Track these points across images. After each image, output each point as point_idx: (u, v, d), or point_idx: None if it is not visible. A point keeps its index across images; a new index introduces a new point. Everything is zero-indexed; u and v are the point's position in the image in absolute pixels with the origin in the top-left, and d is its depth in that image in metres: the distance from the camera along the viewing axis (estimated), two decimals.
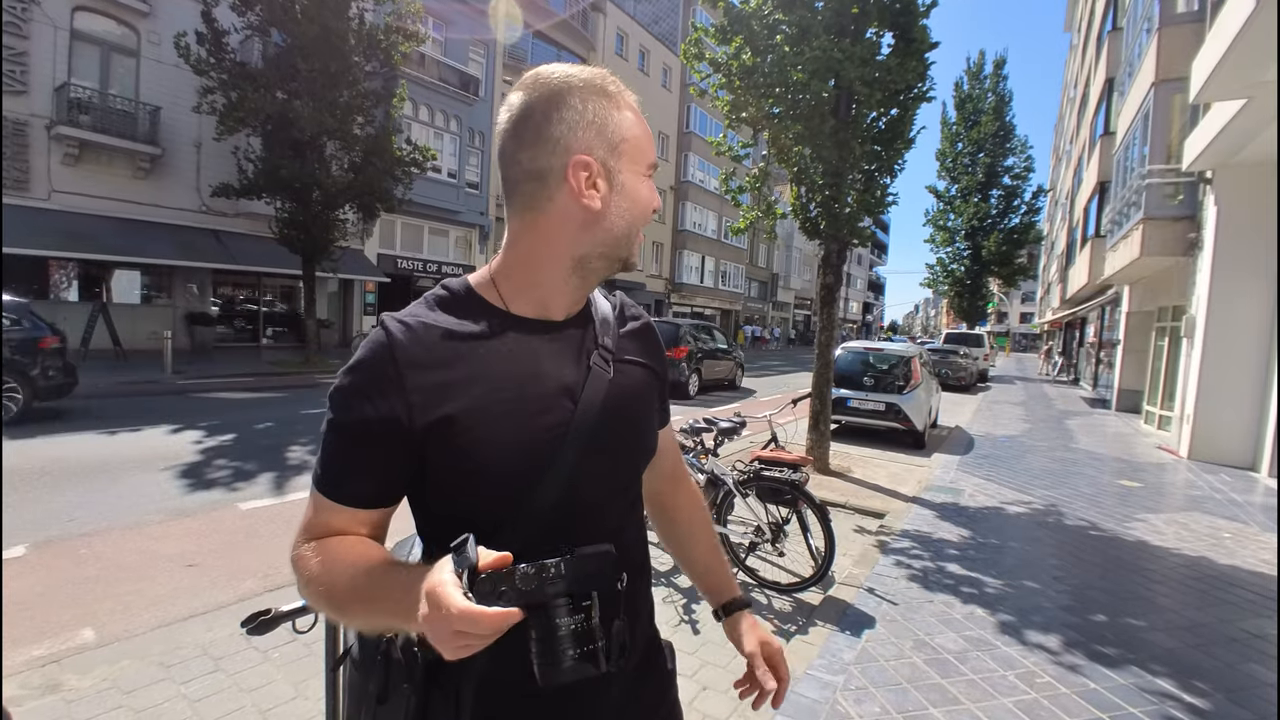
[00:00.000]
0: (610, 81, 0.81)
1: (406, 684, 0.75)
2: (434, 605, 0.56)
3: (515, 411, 0.74)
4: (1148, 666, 2.79)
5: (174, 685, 2.47)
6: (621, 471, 0.85)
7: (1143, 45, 11.10)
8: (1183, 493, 6.51)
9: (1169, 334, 10.77)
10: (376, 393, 0.71)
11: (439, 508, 0.77)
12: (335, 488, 0.74)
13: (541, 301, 0.81)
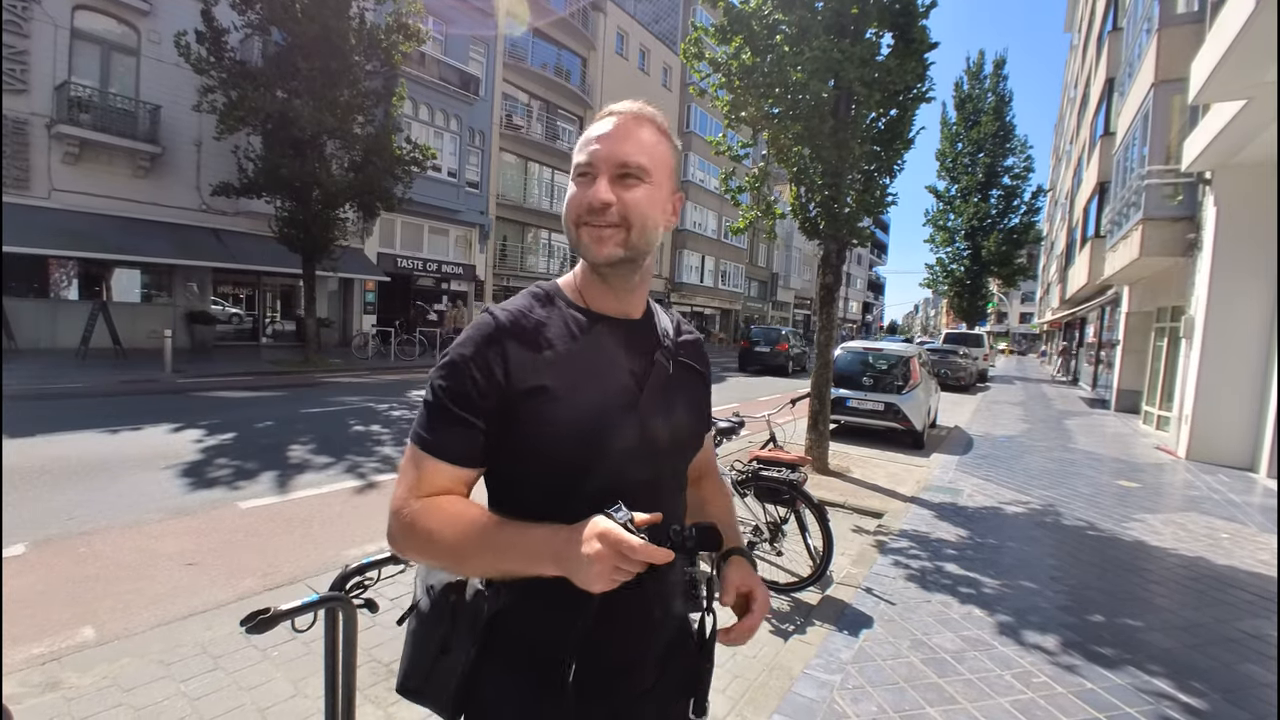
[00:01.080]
0: (606, 110, 0.93)
1: (468, 634, 0.89)
2: (609, 543, 0.71)
3: (592, 388, 0.88)
4: (1145, 667, 2.80)
5: (173, 683, 2.48)
6: (674, 452, 0.96)
7: (1143, 46, 11.11)
8: (1181, 493, 6.52)
9: (1168, 334, 10.78)
10: (484, 363, 0.85)
11: (517, 474, 0.89)
12: (443, 448, 0.85)
13: (602, 301, 0.95)
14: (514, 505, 0.87)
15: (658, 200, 0.90)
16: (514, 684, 0.89)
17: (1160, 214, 9.83)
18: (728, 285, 39.70)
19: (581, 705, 0.87)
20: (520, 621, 0.88)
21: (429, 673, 0.93)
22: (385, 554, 2.24)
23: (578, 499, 0.81)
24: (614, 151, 0.87)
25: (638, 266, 0.93)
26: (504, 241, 24.50)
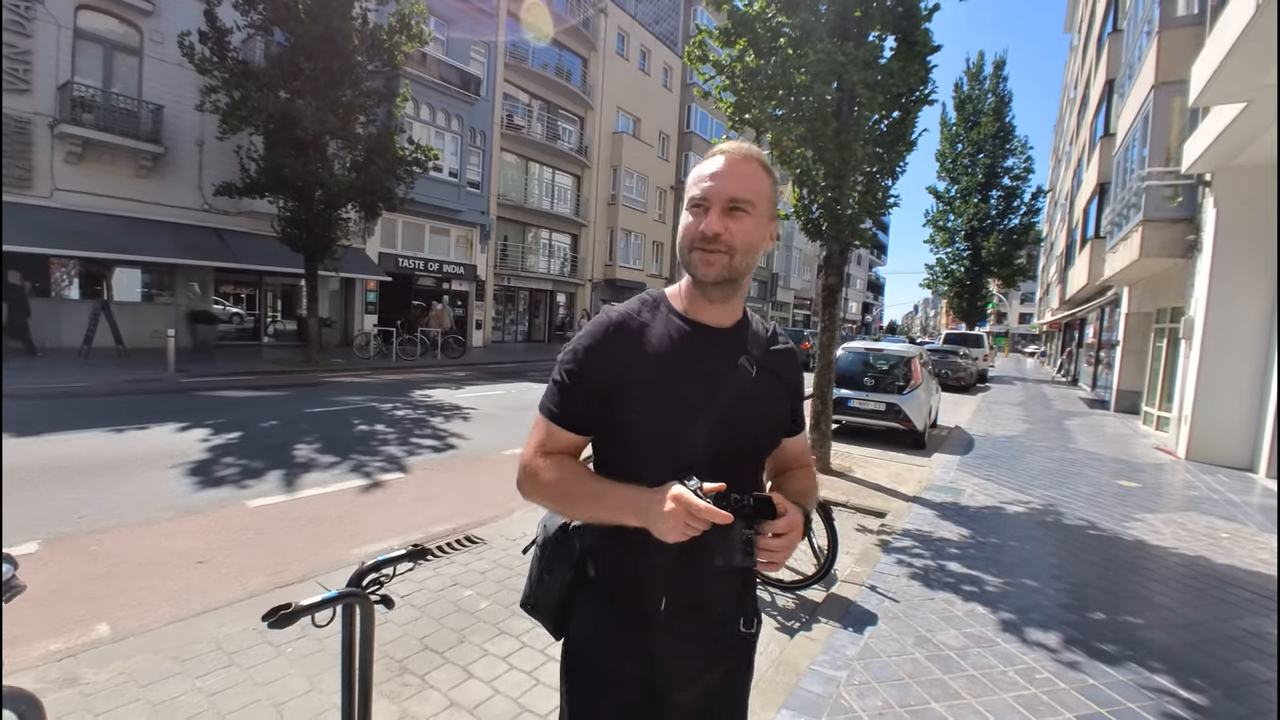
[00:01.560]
0: (715, 149, 1.10)
1: (564, 560, 1.15)
2: (681, 505, 0.91)
3: (681, 382, 1.06)
4: (1146, 663, 2.84)
5: (189, 679, 2.51)
6: (747, 443, 1.12)
7: (1143, 48, 11.14)
8: (1180, 493, 6.56)
9: (1167, 335, 10.82)
10: (603, 350, 1.07)
11: (618, 443, 1.10)
12: (565, 416, 1.09)
13: (702, 310, 1.12)
14: (612, 467, 1.10)
15: (759, 229, 1.06)
16: (602, 613, 1.12)
17: (1160, 215, 9.87)
18: None
19: (655, 634, 1.07)
20: (605, 560, 1.11)
21: (538, 590, 1.21)
22: (400, 552, 2.28)
23: (660, 468, 0.99)
24: (725, 188, 1.03)
25: (737, 285, 1.09)
26: (505, 241, 24.53)
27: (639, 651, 1.08)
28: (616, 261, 29.25)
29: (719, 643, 1.15)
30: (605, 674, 1.11)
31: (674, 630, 1.09)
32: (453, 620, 3.07)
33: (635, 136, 29.86)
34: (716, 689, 1.17)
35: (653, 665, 1.08)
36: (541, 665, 2.70)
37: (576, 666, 1.15)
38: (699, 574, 1.05)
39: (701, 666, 1.14)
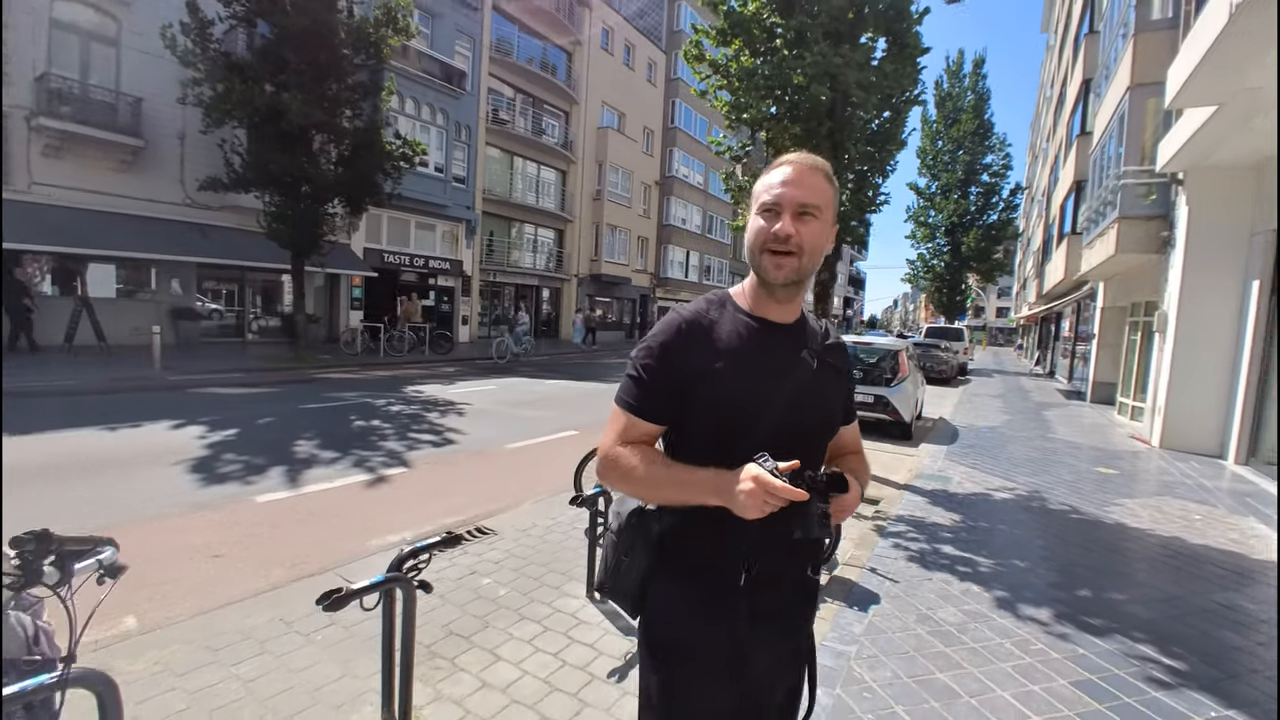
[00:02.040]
0: (780, 159, 1.19)
1: (642, 543, 1.21)
2: (760, 484, 0.98)
3: (751, 374, 1.14)
4: (1129, 634, 3.04)
5: (224, 667, 2.58)
6: (811, 429, 1.21)
7: (1119, 50, 11.47)
8: (1156, 479, 6.86)
9: (1142, 328, 11.20)
10: (676, 347, 1.15)
11: (692, 433, 1.17)
12: (644, 408, 1.17)
13: (766, 308, 1.21)
14: (687, 453, 1.16)
15: (825, 233, 1.15)
16: (683, 591, 1.18)
17: (1135, 213, 10.20)
18: (712, 280, 39.93)
19: (737, 604, 1.14)
20: (684, 540, 1.18)
21: (616, 574, 1.26)
22: (435, 539, 2.39)
23: (735, 452, 1.06)
24: (796, 194, 1.11)
25: (802, 286, 1.18)
26: (490, 236, 24.43)
27: (723, 622, 1.15)
28: (602, 257, 29.25)
29: (794, 608, 1.24)
30: (692, 646, 1.17)
31: (754, 600, 1.16)
32: (474, 607, 3.17)
33: (620, 132, 29.86)
34: (794, 638, 1.26)
35: (736, 634, 1.15)
36: (565, 647, 2.81)
37: (662, 642, 1.20)
38: (776, 547, 1.13)
39: (781, 631, 1.22)
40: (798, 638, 1.27)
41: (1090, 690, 2.54)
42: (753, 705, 1.21)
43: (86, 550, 1.20)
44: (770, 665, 1.22)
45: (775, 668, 1.24)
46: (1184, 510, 5.51)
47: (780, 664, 1.25)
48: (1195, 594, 3.64)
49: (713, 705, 1.17)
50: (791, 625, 1.25)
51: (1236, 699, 2.54)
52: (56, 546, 1.14)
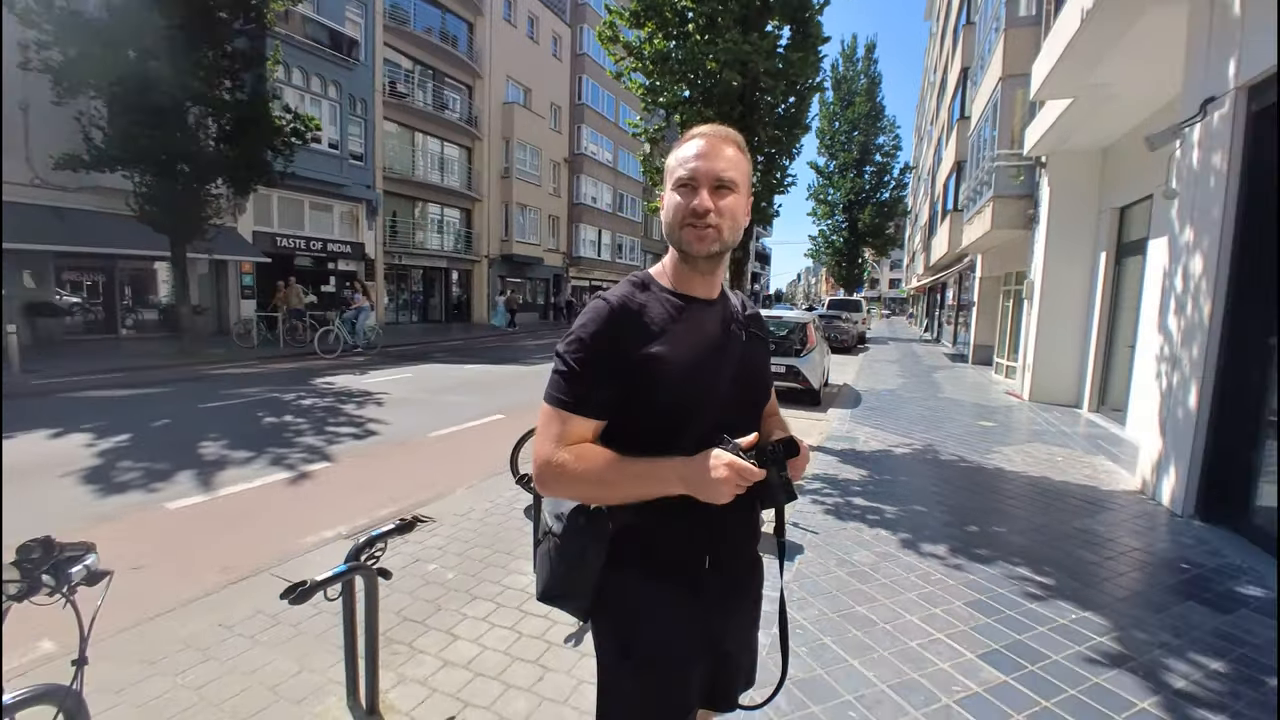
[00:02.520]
0: (692, 132, 1.17)
1: (595, 544, 1.13)
2: (735, 469, 0.98)
3: (688, 354, 1.11)
4: (1009, 559, 3.57)
5: (167, 678, 2.49)
6: (753, 401, 1.25)
7: (992, 43, 12.57)
8: (1026, 428, 7.82)
9: (1013, 296, 12.52)
10: (607, 336, 1.09)
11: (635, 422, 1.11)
12: (580, 404, 1.09)
13: (690, 285, 1.19)
14: (632, 445, 1.08)
15: (742, 205, 1.15)
16: (643, 585, 1.15)
17: (1007, 192, 11.34)
18: (624, 258, 40.13)
19: (704, 592, 1.15)
20: (643, 532, 1.12)
21: (567, 579, 1.18)
22: (390, 526, 2.43)
23: (684, 437, 1.06)
24: (712, 167, 1.09)
25: (723, 258, 1.18)
26: (394, 217, 23.29)
27: (692, 612, 1.14)
28: (513, 237, 28.64)
29: (753, 576, 1.29)
30: (665, 642, 1.14)
31: (721, 581, 1.17)
32: (424, 592, 3.21)
33: (527, 108, 29.14)
34: (753, 606, 1.32)
35: (707, 621, 1.16)
36: (520, 620, 2.93)
37: (628, 639, 1.15)
38: (735, 527, 1.16)
39: (746, 610, 1.27)
40: (758, 604, 1.34)
41: (980, 607, 2.99)
42: (723, 672, 1.26)
43: (78, 556, 1.19)
44: (736, 633, 1.28)
45: (740, 634, 1.29)
46: (1049, 454, 6.37)
47: (743, 630, 1.30)
48: (1059, 522, 4.29)
49: (678, 691, 1.16)
50: (755, 593, 1.32)
51: (1090, 603, 3.07)
52: (57, 554, 1.13)
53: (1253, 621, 2.95)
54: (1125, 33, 5.44)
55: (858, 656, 2.56)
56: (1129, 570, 3.52)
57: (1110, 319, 8.60)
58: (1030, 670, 2.48)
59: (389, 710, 2.30)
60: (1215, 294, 4.31)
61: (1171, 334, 4.87)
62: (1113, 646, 2.68)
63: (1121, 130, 7.98)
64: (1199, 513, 4.41)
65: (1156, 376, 5.09)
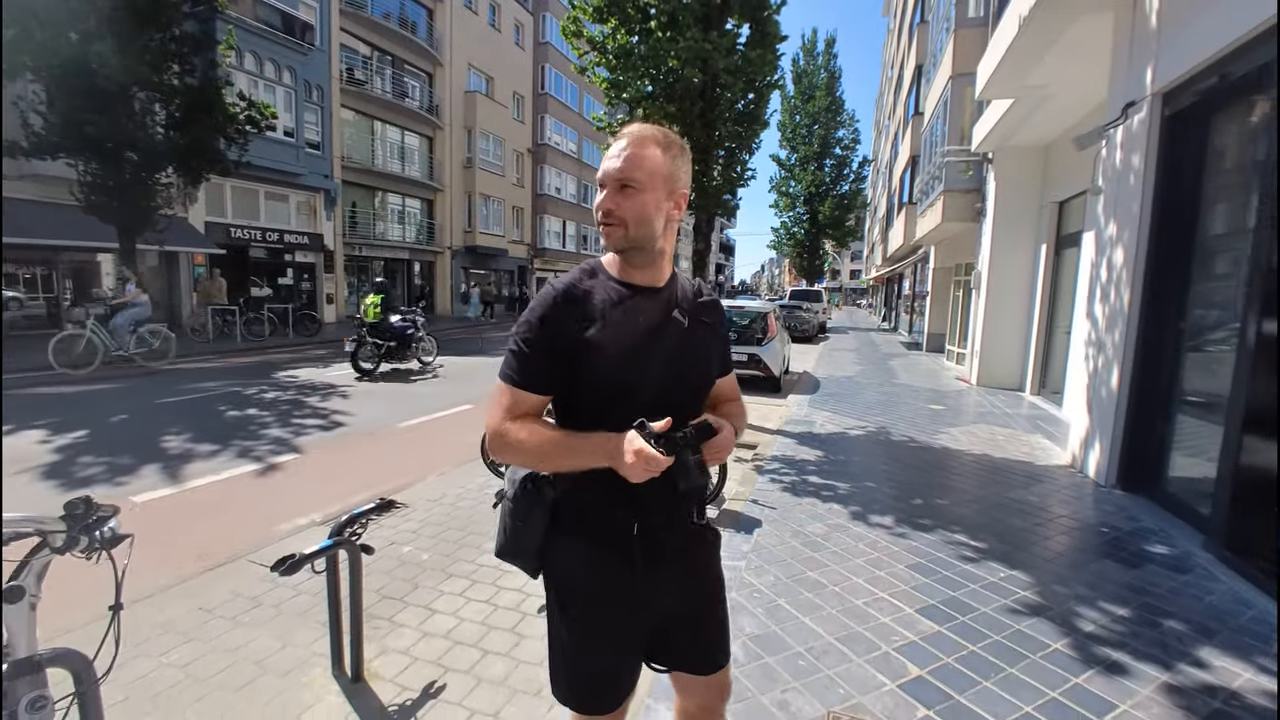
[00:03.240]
0: (621, 132, 1.26)
1: (539, 508, 1.27)
2: (642, 457, 1.07)
3: (627, 338, 1.20)
4: (950, 528, 3.88)
5: (151, 658, 2.57)
6: (688, 385, 1.30)
7: (943, 42, 13.04)
8: (973, 410, 8.28)
9: (963, 286, 13.09)
10: (554, 319, 1.19)
11: (579, 396, 1.23)
12: (530, 381, 1.21)
13: (633, 273, 1.27)
14: (576, 419, 1.23)
15: (651, 203, 1.21)
16: (580, 545, 1.27)
17: (957, 186, 11.85)
18: (590, 249, 40.05)
19: (633, 554, 1.24)
20: (581, 500, 1.25)
21: (515, 539, 1.32)
22: (370, 505, 2.56)
23: (620, 412, 1.15)
24: (617, 169, 1.19)
25: (645, 251, 1.25)
26: (353, 208, 22.80)
27: (622, 570, 1.24)
28: (476, 228, 28.32)
29: (686, 548, 1.34)
30: (594, 595, 1.26)
31: (649, 547, 1.25)
32: (401, 572, 3.33)
33: (489, 97, 28.78)
34: (688, 577, 1.35)
35: (635, 579, 1.24)
36: (495, 594, 3.08)
37: (567, 596, 1.28)
38: (663, 498, 1.20)
39: (686, 571, 1.34)
40: (706, 578, 1.40)
41: (920, 570, 3.27)
42: (659, 636, 1.34)
43: (108, 516, 1.32)
44: (678, 602, 1.34)
45: (684, 603, 1.35)
46: (991, 433, 6.79)
47: (688, 599, 1.35)
48: (996, 494, 4.64)
49: (613, 641, 1.28)
50: (698, 565, 1.37)
51: (1018, 563, 3.39)
52: (95, 513, 1.26)
53: (1157, 575, 3.31)
54: (1059, 39, 5.81)
55: (808, 614, 2.81)
56: (1055, 535, 3.88)
57: (1050, 307, 9.12)
58: (961, 621, 2.77)
59: (373, 677, 2.43)
60: (1134, 283, 4.71)
61: (1098, 320, 5.28)
62: (1034, 599, 2.99)
63: (1060, 129, 8.46)
64: (1120, 483, 4.83)
65: (1085, 360, 5.51)
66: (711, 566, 1.42)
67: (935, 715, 2.14)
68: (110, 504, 1.41)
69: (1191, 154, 4.38)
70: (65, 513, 1.28)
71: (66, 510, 1.29)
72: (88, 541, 1.28)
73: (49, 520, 1.29)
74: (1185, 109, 4.34)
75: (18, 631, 1.27)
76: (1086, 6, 5.20)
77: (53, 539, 1.27)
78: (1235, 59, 3.72)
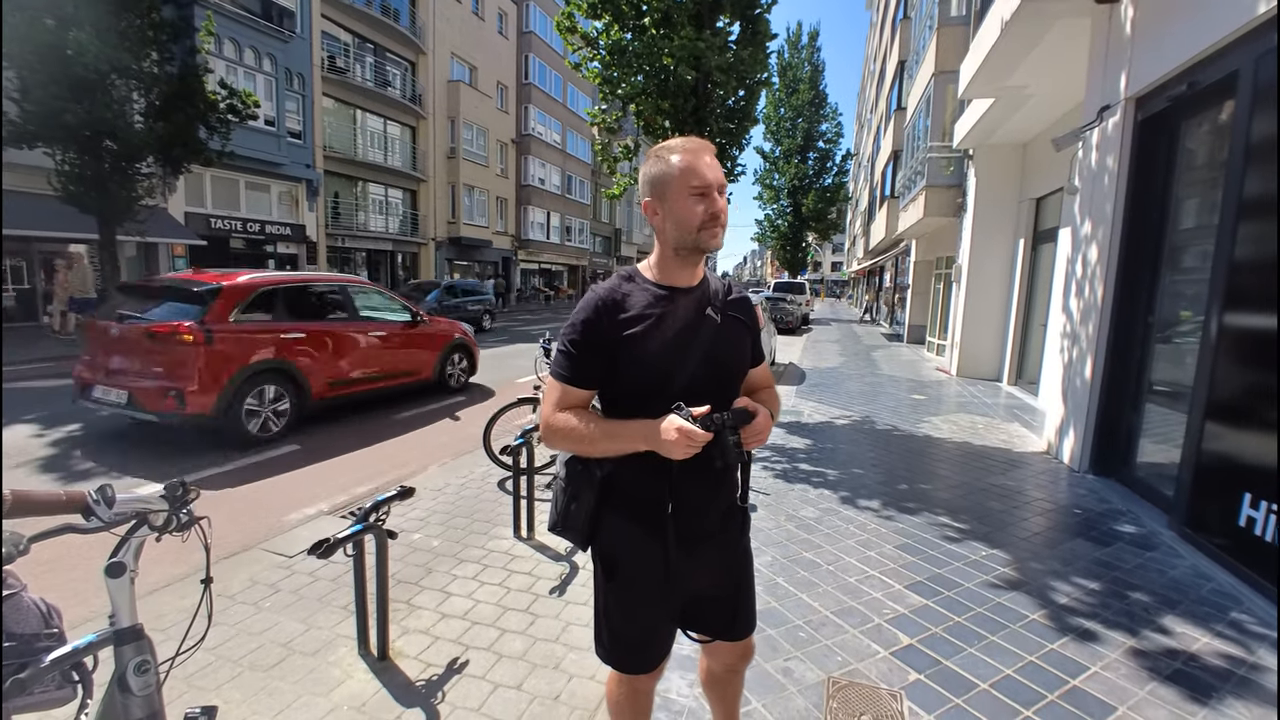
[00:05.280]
0: (664, 147, 1.38)
1: (588, 487, 1.41)
2: (682, 433, 1.20)
3: (664, 334, 1.34)
4: (934, 510, 4.10)
5: (178, 643, 2.67)
6: (722, 375, 1.41)
7: (926, 39, 13.26)
8: (953, 400, 8.56)
9: (944, 279, 13.40)
10: (596, 322, 1.33)
11: (621, 390, 1.37)
12: (574, 377, 1.36)
13: (673, 276, 1.41)
14: (618, 408, 1.38)
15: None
16: (623, 522, 1.41)
17: (938, 182, 12.11)
18: (574, 241, 39.94)
19: (667, 531, 1.37)
20: (624, 481, 1.39)
21: (566, 514, 1.45)
22: (392, 492, 2.69)
23: (660, 402, 1.27)
24: (717, 177, 1.33)
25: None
26: (335, 198, 22.54)
27: (655, 545, 1.37)
28: (460, 219, 28.15)
29: (717, 525, 1.46)
30: (632, 564, 1.41)
31: (683, 526, 1.38)
32: (413, 559, 3.45)
33: (473, 86, 28.52)
34: (724, 554, 1.50)
35: (668, 553, 1.37)
36: (507, 578, 3.22)
37: (611, 566, 1.44)
38: (697, 480, 1.35)
39: (718, 550, 1.47)
40: (739, 554, 1.53)
41: (907, 550, 3.48)
42: (694, 608, 1.49)
43: (194, 498, 1.45)
44: (713, 577, 1.48)
45: (715, 580, 1.49)
46: (971, 422, 7.06)
47: (719, 576, 1.49)
48: (976, 479, 4.88)
49: (651, 609, 1.43)
50: (732, 543, 1.50)
51: (997, 543, 3.62)
52: (190, 495, 1.39)
53: (1125, 552, 3.55)
54: (1039, 42, 6.02)
55: (805, 591, 3.00)
56: (1031, 516, 4.11)
57: (1027, 300, 9.43)
58: (946, 595, 2.97)
59: (399, 656, 2.57)
60: (1108, 278, 4.96)
61: (1073, 313, 5.54)
62: (1013, 575, 3.21)
63: (1038, 128, 8.73)
64: (1092, 468, 5.10)
65: (1060, 351, 5.77)
66: (743, 543, 1.56)
67: (925, 679, 2.34)
68: (193, 486, 1.53)
69: (1161, 156, 4.62)
70: (165, 493, 1.40)
71: (167, 491, 1.41)
72: (178, 522, 1.40)
73: (154, 500, 1.41)
74: (1156, 114, 4.57)
75: (121, 603, 1.39)
76: (1065, 12, 5.41)
77: (153, 519, 1.38)
78: (1203, 68, 3.95)
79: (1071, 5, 5.23)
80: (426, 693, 2.33)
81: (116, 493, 1.40)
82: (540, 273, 38.44)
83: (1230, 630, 2.73)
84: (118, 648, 1.38)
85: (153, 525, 1.40)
